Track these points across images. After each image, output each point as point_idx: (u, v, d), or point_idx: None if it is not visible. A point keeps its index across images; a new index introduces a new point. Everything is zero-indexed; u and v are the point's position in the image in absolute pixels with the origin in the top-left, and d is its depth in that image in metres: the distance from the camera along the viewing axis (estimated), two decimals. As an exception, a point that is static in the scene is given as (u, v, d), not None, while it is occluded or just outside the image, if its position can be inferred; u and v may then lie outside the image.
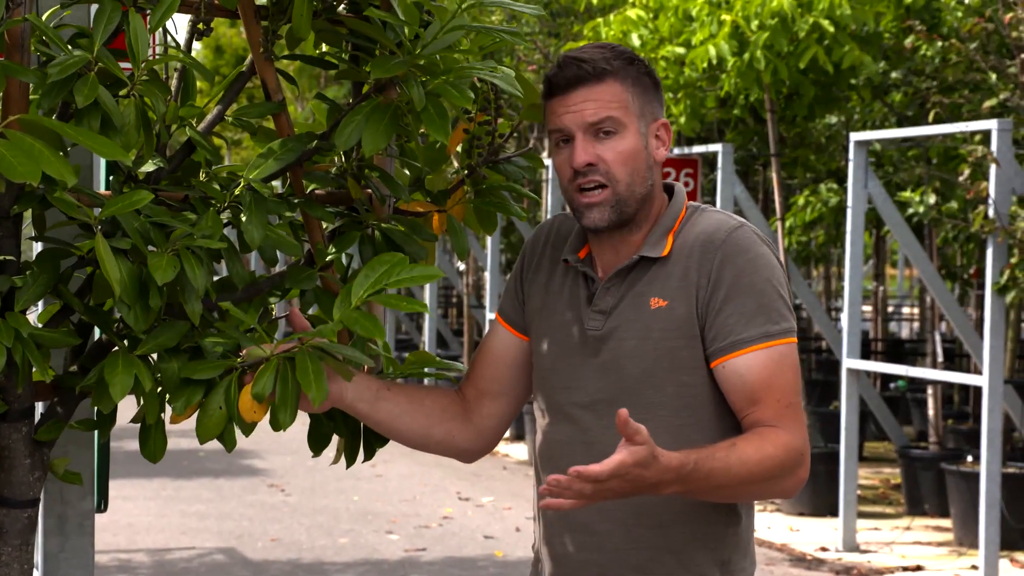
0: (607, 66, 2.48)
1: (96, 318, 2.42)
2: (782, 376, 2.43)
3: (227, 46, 22.88)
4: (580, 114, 2.47)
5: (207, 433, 2.41)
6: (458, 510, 9.69)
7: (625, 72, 2.50)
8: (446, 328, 17.33)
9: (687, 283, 2.47)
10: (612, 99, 2.48)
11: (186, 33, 2.60)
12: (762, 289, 2.44)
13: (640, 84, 2.52)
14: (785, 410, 2.42)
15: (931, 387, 9.79)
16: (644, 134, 2.51)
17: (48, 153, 2.17)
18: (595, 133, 2.47)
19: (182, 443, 9.82)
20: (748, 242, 2.46)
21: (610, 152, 2.47)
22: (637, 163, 2.49)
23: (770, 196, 11.47)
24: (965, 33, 9.44)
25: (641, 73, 2.52)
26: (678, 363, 2.45)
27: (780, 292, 2.46)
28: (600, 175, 2.47)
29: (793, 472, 2.41)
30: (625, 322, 2.49)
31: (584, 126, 2.47)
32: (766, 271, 2.45)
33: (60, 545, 2.63)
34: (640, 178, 2.49)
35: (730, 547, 2.49)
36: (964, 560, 8.27)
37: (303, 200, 2.59)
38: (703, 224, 2.51)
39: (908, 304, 23.03)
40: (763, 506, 9.87)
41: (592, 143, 2.47)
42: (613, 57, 2.50)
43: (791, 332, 2.45)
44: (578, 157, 2.47)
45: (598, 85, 2.48)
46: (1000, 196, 7.69)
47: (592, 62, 2.49)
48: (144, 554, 8.22)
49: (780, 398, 2.43)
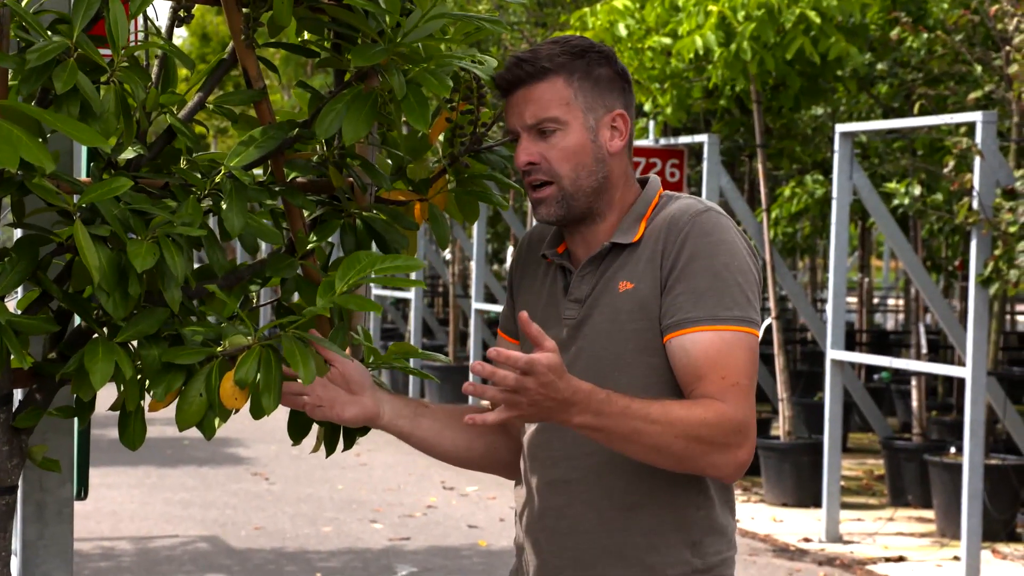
0: (547, 64, 2.48)
1: (75, 305, 2.41)
2: (731, 356, 2.39)
3: (213, 33, 22.82)
4: (521, 115, 2.51)
5: (187, 420, 2.41)
6: (442, 499, 9.69)
7: (571, 67, 2.49)
8: (432, 317, 17.33)
9: (652, 265, 2.48)
10: (552, 97, 2.48)
11: (167, 19, 2.60)
12: (716, 272, 2.42)
13: (590, 77, 2.51)
14: (731, 388, 2.38)
15: (915, 378, 9.82)
16: (592, 128, 2.51)
17: (27, 139, 2.15)
18: (538, 132, 2.50)
19: (167, 431, 9.81)
20: (711, 225, 2.46)
21: (552, 150, 2.49)
22: (582, 158, 2.50)
23: (756, 187, 11.48)
24: (951, 25, 9.45)
25: (593, 64, 2.51)
26: (643, 344, 2.46)
27: (738, 280, 2.42)
28: (543, 173, 2.50)
29: (727, 447, 2.35)
30: (597, 308, 2.51)
31: (525, 127, 2.51)
32: (725, 256, 2.43)
33: (39, 533, 2.62)
34: (587, 172, 2.50)
35: (702, 529, 2.49)
36: (947, 551, 8.30)
37: (284, 188, 2.58)
38: (672, 208, 2.52)
39: (893, 296, 23.08)
40: (747, 496, 9.89)
41: (535, 142, 2.51)
42: (559, 53, 2.50)
43: (746, 322, 2.41)
44: (519, 157, 2.52)
45: (538, 84, 2.49)
46: (984, 188, 7.70)
47: (533, 61, 2.49)
48: (127, 542, 8.21)
49: (725, 375, 2.38)
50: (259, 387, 2.36)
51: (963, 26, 9.37)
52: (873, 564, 8.04)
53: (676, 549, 2.48)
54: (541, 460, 2.57)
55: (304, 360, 2.34)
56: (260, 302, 2.80)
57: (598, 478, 2.49)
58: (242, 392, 2.38)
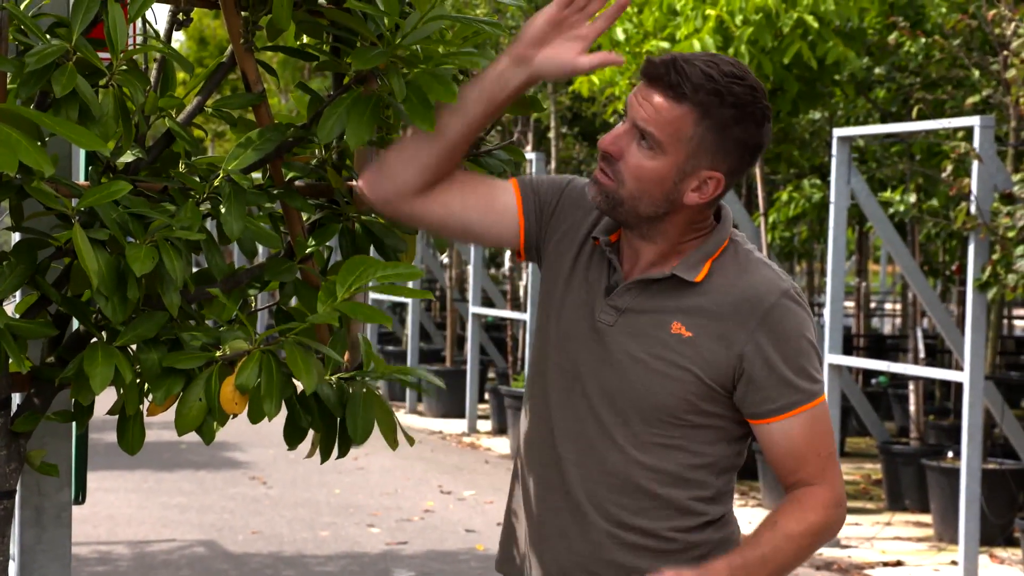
0: (691, 93, 2.35)
1: (74, 309, 2.41)
2: (822, 429, 2.48)
3: (211, 37, 22.82)
4: (639, 110, 2.39)
5: (186, 425, 2.40)
6: (440, 503, 9.68)
7: (710, 110, 2.36)
8: (429, 322, 17.31)
9: (723, 329, 2.43)
10: (671, 122, 2.37)
11: (166, 23, 2.59)
12: (803, 350, 2.46)
13: (722, 130, 2.38)
14: (827, 460, 2.48)
15: (913, 383, 9.81)
16: (683, 171, 2.39)
17: (26, 143, 2.15)
18: (639, 134, 2.39)
19: (164, 435, 9.81)
20: (795, 306, 2.46)
21: (634, 160, 2.39)
22: (653, 187, 2.40)
23: (753, 191, 11.48)
24: (948, 30, 9.46)
25: (736, 121, 2.38)
26: (681, 392, 2.43)
27: (814, 353, 2.49)
28: (611, 170, 2.41)
29: (838, 521, 2.50)
30: (640, 331, 2.45)
31: (633, 122, 2.40)
32: (807, 332, 2.48)
33: (37, 537, 2.62)
34: (649, 200, 2.41)
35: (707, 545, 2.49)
36: (944, 555, 8.29)
37: (283, 191, 2.58)
38: (751, 276, 2.46)
39: (890, 300, 23.08)
40: (744, 501, 9.90)
41: (630, 139, 2.40)
42: (711, 91, 2.36)
43: (823, 386, 2.50)
44: (606, 141, 2.42)
45: (670, 101, 2.37)
46: (982, 193, 7.70)
47: (683, 77, 2.36)
48: (124, 546, 8.20)
49: (820, 451, 2.48)
50: (260, 392, 2.35)
51: (961, 31, 9.37)
52: (871, 569, 8.03)
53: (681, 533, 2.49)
54: (544, 455, 2.54)
55: (307, 366, 2.33)
56: (258, 306, 2.80)
57: (594, 490, 2.47)
58: (242, 397, 2.37)
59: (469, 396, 13.27)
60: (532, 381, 2.57)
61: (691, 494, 2.46)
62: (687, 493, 2.45)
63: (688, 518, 2.46)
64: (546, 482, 2.51)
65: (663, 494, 2.44)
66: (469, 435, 13.06)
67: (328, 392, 2.54)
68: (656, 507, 2.45)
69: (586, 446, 2.46)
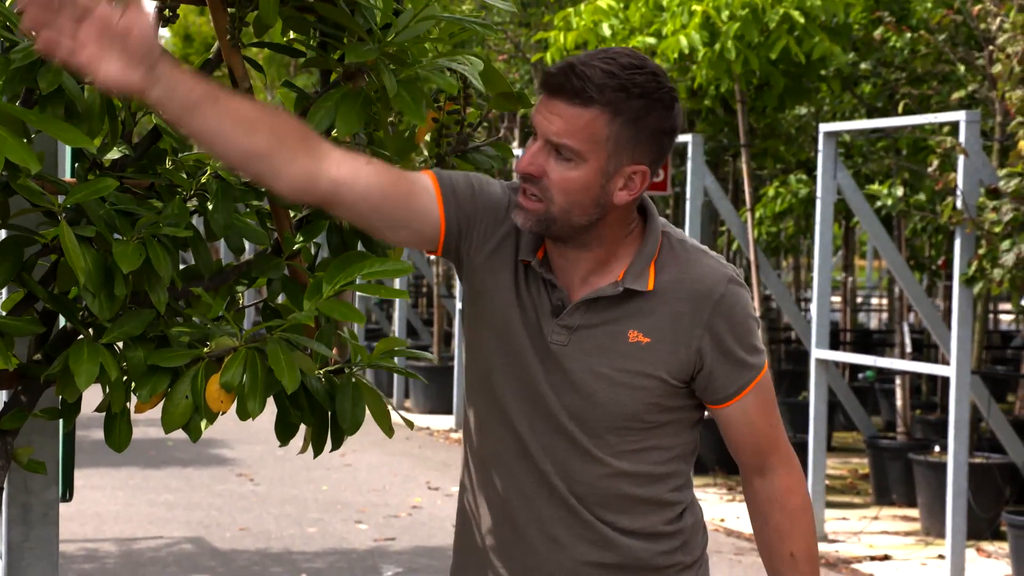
0: (596, 94, 2.30)
1: (60, 306, 2.40)
2: (769, 398, 2.51)
3: (196, 34, 22.77)
4: (548, 125, 2.34)
5: (173, 422, 2.40)
6: (427, 500, 9.68)
7: (620, 107, 2.31)
8: (416, 318, 17.31)
9: (678, 327, 2.42)
10: (583, 128, 2.31)
11: (152, 20, 2.58)
12: (750, 329, 2.48)
13: (635, 124, 2.33)
14: (778, 430, 2.53)
15: (899, 377, 9.83)
16: (607, 172, 2.34)
17: (11, 140, 2.15)
18: (554, 148, 2.34)
19: (150, 432, 9.79)
20: (741, 290, 2.48)
21: (557, 174, 2.34)
22: (582, 197, 2.35)
23: (740, 187, 11.49)
24: (934, 25, 9.47)
25: (646, 111, 2.33)
26: (649, 398, 2.42)
27: (758, 322, 2.52)
28: (537, 189, 2.36)
29: (805, 484, 2.57)
30: (598, 346, 2.42)
31: (545, 138, 2.35)
32: (752, 310, 2.50)
33: (24, 535, 2.61)
34: (581, 210, 2.36)
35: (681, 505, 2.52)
36: (931, 549, 8.31)
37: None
38: (695, 268, 2.44)
39: (877, 295, 23.12)
40: (732, 496, 9.91)
41: (547, 155, 2.35)
42: (616, 87, 2.31)
43: (765, 357, 2.53)
44: (523, 160, 2.37)
45: (578, 108, 2.31)
46: (968, 187, 7.72)
47: (585, 81, 2.30)
48: (111, 543, 8.19)
49: (772, 421, 2.52)
50: (245, 390, 2.35)
51: (946, 26, 9.39)
52: (858, 563, 8.05)
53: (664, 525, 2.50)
54: (503, 479, 2.51)
55: (289, 365, 2.33)
56: (246, 303, 2.79)
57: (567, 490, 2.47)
58: (228, 395, 2.37)
59: (456, 392, 13.27)
60: (477, 395, 2.50)
61: (668, 486, 2.48)
62: (665, 487, 2.48)
63: (669, 509, 2.49)
64: (530, 494, 2.48)
65: (645, 494, 2.46)
66: (456, 431, 13.06)
67: (317, 386, 2.54)
68: (643, 507, 2.46)
69: (564, 459, 2.46)
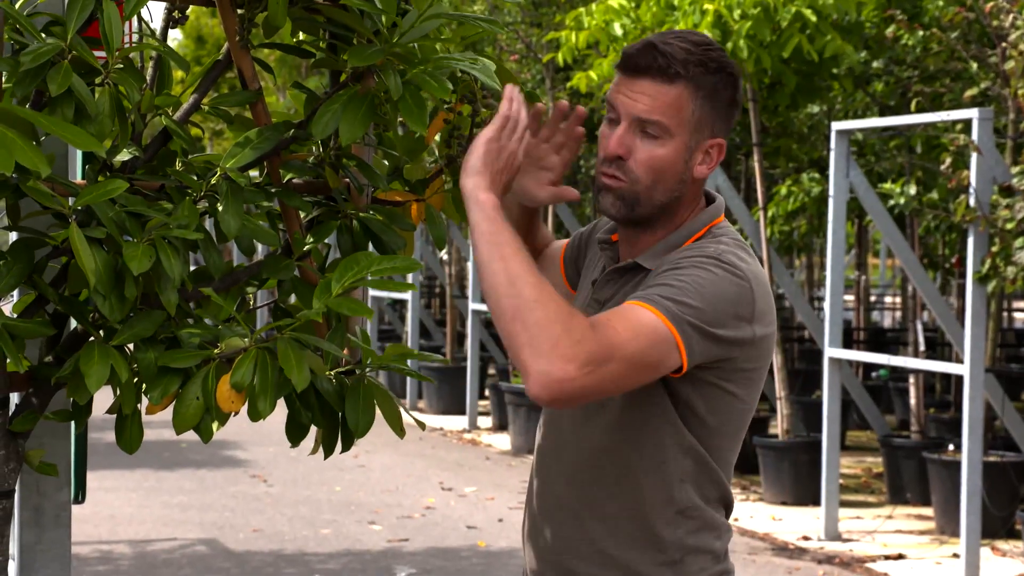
0: (682, 70, 2.38)
1: (71, 308, 2.40)
2: (632, 319, 2.27)
3: (208, 36, 22.80)
4: (633, 103, 2.41)
5: (184, 424, 2.40)
6: (441, 500, 9.68)
7: (700, 81, 2.40)
8: (429, 318, 17.31)
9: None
10: (670, 104, 2.39)
11: (162, 21, 2.59)
12: (681, 281, 2.32)
13: (713, 98, 2.42)
14: (605, 325, 2.25)
15: (913, 376, 9.81)
16: (691, 148, 2.42)
17: (21, 142, 2.15)
18: (640, 127, 2.41)
19: (164, 434, 9.80)
20: (709, 257, 2.36)
21: (644, 153, 2.41)
22: (667, 174, 2.42)
23: (752, 186, 11.47)
24: (946, 22, 9.44)
25: (720, 86, 2.42)
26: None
27: (701, 295, 2.30)
28: (623, 172, 2.42)
29: (542, 348, 2.20)
30: None
31: (632, 117, 2.41)
32: (700, 277, 2.33)
33: (37, 537, 2.61)
34: (665, 188, 2.43)
35: (681, 548, 2.44)
36: (946, 548, 8.29)
37: (280, 189, 2.57)
38: (695, 247, 2.43)
39: (890, 293, 23.07)
40: (745, 495, 9.89)
41: (633, 135, 2.41)
42: (696, 62, 2.39)
43: (675, 319, 2.28)
44: (611, 145, 2.43)
45: (664, 85, 2.39)
46: (981, 185, 7.70)
47: (669, 58, 2.38)
48: (125, 545, 8.20)
49: (610, 319, 2.26)
50: (255, 390, 2.35)
51: (959, 23, 9.36)
52: (872, 562, 8.03)
53: (654, 567, 2.44)
54: (540, 467, 2.57)
55: (299, 363, 2.33)
56: (257, 304, 2.79)
57: (580, 488, 2.48)
58: (239, 395, 2.37)
59: (469, 393, 13.27)
60: None
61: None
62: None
63: (660, 507, 2.49)
64: (539, 487, 2.57)
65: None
66: (470, 432, 13.06)
67: (328, 387, 2.53)
68: (625, 492, 2.48)
69: (570, 458, 2.51)
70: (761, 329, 2.40)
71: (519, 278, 2.25)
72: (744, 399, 2.44)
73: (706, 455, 2.43)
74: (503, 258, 2.27)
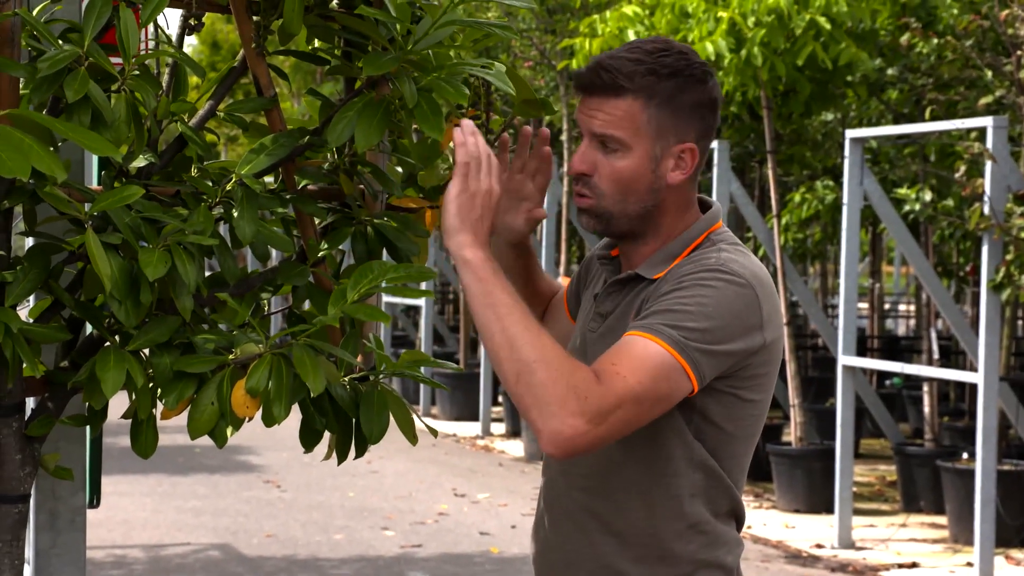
0: (627, 83, 2.38)
1: (87, 313, 2.42)
2: (636, 356, 2.25)
3: (224, 42, 22.86)
4: (589, 120, 2.43)
5: (199, 429, 2.40)
6: (454, 506, 9.68)
7: (652, 90, 2.39)
8: (443, 324, 17.32)
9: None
10: (622, 116, 2.40)
11: (178, 28, 2.60)
12: (684, 304, 2.31)
13: (671, 103, 2.40)
14: (612, 371, 2.24)
15: (927, 384, 9.79)
16: (655, 156, 2.41)
17: (38, 148, 2.16)
18: (601, 143, 2.42)
19: (178, 439, 9.81)
20: (710, 271, 2.35)
21: (607, 168, 2.42)
22: (635, 185, 2.41)
23: (766, 193, 11.46)
24: (961, 30, 9.44)
25: (680, 89, 2.40)
26: None
27: (697, 312, 2.29)
28: (590, 187, 2.44)
29: (551, 409, 2.20)
30: (611, 332, 2.46)
31: (591, 134, 2.44)
32: (704, 296, 2.31)
33: (52, 541, 2.62)
34: (635, 199, 2.42)
35: (692, 563, 2.43)
36: (960, 557, 8.27)
37: (295, 196, 2.58)
38: (695, 258, 2.41)
39: (904, 301, 23.03)
40: (759, 503, 9.88)
41: (595, 151, 2.43)
42: (644, 72, 2.38)
43: (678, 345, 2.26)
44: (574, 162, 2.46)
45: (613, 99, 2.40)
46: (996, 193, 7.69)
47: (614, 73, 2.38)
48: (139, 550, 8.22)
49: (617, 363, 2.25)
50: (270, 395, 2.36)
51: (973, 31, 9.36)
52: (886, 570, 8.02)
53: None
54: (548, 482, 2.58)
55: (314, 368, 2.34)
56: (271, 310, 2.80)
57: (589, 502, 2.48)
58: (253, 400, 2.37)
59: (483, 399, 13.28)
60: None
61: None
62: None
63: (668, 521, 2.48)
64: (549, 502, 2.58)
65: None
66: (483, 438, 13.06)
67: (342, 393, 2.54)
68: (633, 509, 2.48)
69: (568, 469, 2.53)
70: (771, 334, 2.40)
71: (517, 338, 2.25)
72: (758, 403, 2.44)
73: (717, 468, 2.42)
74: (499, 318, 2.27)
